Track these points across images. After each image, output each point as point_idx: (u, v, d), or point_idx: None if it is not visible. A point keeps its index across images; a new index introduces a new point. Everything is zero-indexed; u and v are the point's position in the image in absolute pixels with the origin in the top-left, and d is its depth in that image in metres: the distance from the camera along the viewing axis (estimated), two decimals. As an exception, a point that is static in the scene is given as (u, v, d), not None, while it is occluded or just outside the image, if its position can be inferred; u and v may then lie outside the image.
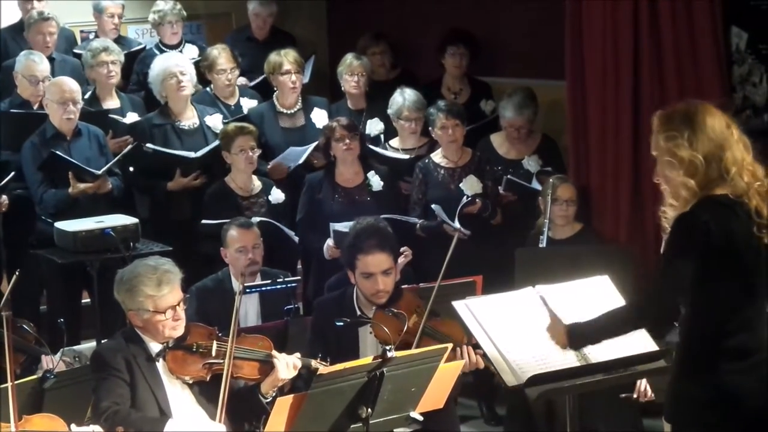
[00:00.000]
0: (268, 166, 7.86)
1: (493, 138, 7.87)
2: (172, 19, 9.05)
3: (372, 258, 5.55)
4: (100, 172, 7.39)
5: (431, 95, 8.15)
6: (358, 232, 5.75)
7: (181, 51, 8.90)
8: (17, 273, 5.26)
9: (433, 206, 7.40)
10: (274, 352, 5.14)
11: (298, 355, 5.17)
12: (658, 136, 4.23)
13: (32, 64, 8.02)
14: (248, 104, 8.45)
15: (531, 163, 7.72)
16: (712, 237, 4.05)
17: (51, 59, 8.47)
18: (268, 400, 5.03)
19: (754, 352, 4.11)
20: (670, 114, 4.23)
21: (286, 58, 8.18)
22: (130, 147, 7.64)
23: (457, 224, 7.15)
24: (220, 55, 8.38)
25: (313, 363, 5.16)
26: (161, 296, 5.03)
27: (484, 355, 5.03)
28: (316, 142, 7.79)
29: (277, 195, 7.60)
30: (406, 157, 7.87)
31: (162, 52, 8.83)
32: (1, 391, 4.80)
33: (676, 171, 4.14)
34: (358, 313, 5.66)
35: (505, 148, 7.81)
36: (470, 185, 7.46)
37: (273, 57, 8.24)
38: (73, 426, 4.71)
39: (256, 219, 7.04)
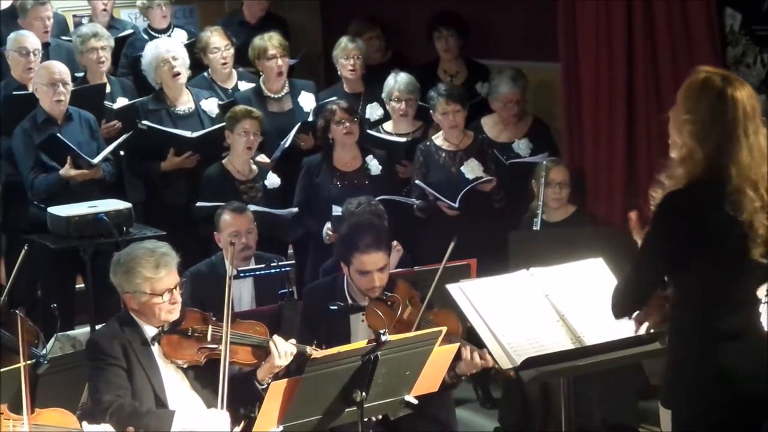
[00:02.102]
0: (256, 159, 7.83)
1: (484, 121, 7.85)
2: (162, 2, 9.03)
3: (368, 257, 5.53)
4: (95, 161, 7.37)
5: (427, 78, 8.13)
6: (353, 229, 5.71)
7: (170, 35, 8.89)
8: (18, 263, 5.23)
9: (416, 182, 7.40)
10: (273, 337, 5.13)
11: (293, 341, 5.17)
12: (687, 99, 4.09)
13: (21, 37, 8.03)
14: (247, 88, 8.42)
15: (522, 147, 7.71)
16: (700, 218, 4.01)
17: (46, 44, 8.46)
18: (263, 387, 5.02)
19: (749, 334, 4.10)
20: (705, 82, 4.07)
21: (270, 42, 8.15)
22: (126, 135, 7.62)
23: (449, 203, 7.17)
24: (213, 35, 8.38)
25: (308, 349, 5.15)
26: (159, 279, 5.03)
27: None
28: (294, 131, 7.76)
29: (273, 179, 7.60)
30: (403, 140, 7.85)
31: (151, 36, 8.83)
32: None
33: (695, 139, 4.02)
34: (350, 301, 5.65)
35: (497, 132, 7.79)
36: (471, 168, 7.45)
37: (257, 42, 8.22)
38: (84, 424, 4.69)
39: (252, 207, 7.03)
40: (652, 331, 4.44)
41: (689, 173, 4.03)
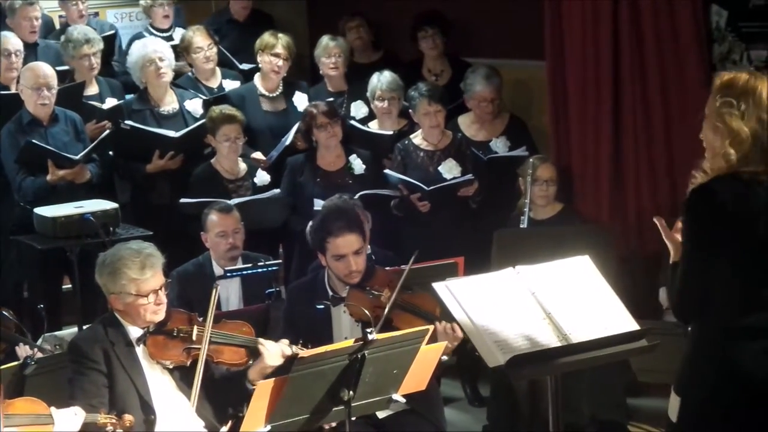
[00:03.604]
0: (252, 156, 7.82)
1: (461, 120, 7.84)
2: (164, 1, 9.02)
3: (342, 240, 5.54)
4: (77, 158, 7.34)
5: (411, 76, 8.13)
6: (324, 216, 5.75)
7: (171, 36, 8.87)
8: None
9: (385, 171, 7.40)
10: (261, 340, 5.12)
11: (285, 341, 5.15)
12: (715, 97, 4.10)
13: (3, 38, 7.98)
14: (231, 86, 8.43)
15: (499, 145, 7.70)
16: (727, 215, 4.01)
17: (35, 45, 8.43)
18: (255, 388, 5.01)
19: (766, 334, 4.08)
20: (733, 80, 4.09)
21: (280, 41, 8.17)
22: (107, 132, 7.61)
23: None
24: (195, 34, 8.38)
25: (294, 348, 5.14)
26: (144, 280, 5.02)
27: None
28: (293, 131, 7.75)
29: (262, 177, 7.61)
30: (390, 132, 7.85)
31: (153, 36, 8.80)
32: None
33: (722, 139, 4.06)
34: (330, 293, 5.65)
35: (473, 130, 7.78)
36: (449, 168, 7.45)
37: (267, 36, 8.22)
38: (53, 409, 4.69)
39: (235, 200, 7.03)
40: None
41: (738, 159, 4.03)
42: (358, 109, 8.24)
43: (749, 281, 4.07)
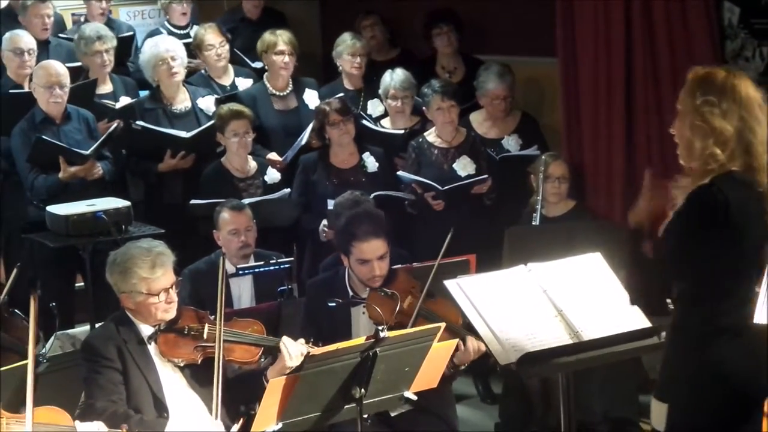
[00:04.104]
0: (267, 157, 7.82)
1: (473, 117, 7.82)
2: None
3: (368, 245, 5.54)
4: (88, 152, 7.34)
5: (425, 73, 8.12)
6: (351, 219, 5.73)
7: (189, 33, 8.89)
8: (17, 268, 5.23)
9: (399, 173, 7.40)
10: (284, 339, 5.10)
11: (302, 341, 5.13)
12: (694, 94, 4.09)
13: (16, 37, 8.00)
14: (244, 84, 8.42)
15: (511, 143, 7.70)
16: (729, 216, 4.00)
17: (46, 42, 8.44)
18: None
19: (749, 330, 4.08)
20: (708, 76, 4.10)
21: (281, 38, 8.15)
22: (114, 126, 7.62)
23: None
24: (207, 32, 8.38)
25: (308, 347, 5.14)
26: (155, 278, 5.02)
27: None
28: (308, 130, 7.75)
29: (273, 175, 7.60)
30: (401, 131, 7.84)
31: (171, 33, 8.83)
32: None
33: (703, 138, 4.04)
34: (351, 293, 5.65)
35: (485, 128, 7.77)
36: (464, 166, 7.44)
37: (267, 36, 8.21)
38: (77, 422, 4.68)
39: (246, 200, 7.03)
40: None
41: (726, 157, 4.01)
42: (375, 107, 8.23)
43: (734, 281, 4.05)
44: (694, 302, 4.10)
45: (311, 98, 8.19)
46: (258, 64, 8.76)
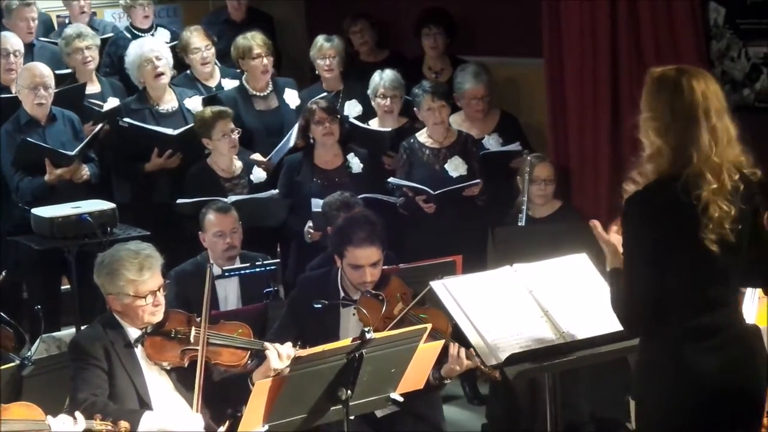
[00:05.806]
0: (251, 157, 7.81)
1: (453, 119, 7.78)
2: (144, 1, 9.01)
3: (361, 252, 5.51)
4: (73, 153, 7.33)
5: (412, 74, 8.12)
6: (348, 222, 5.69)
7: (152, 35, 8.87)
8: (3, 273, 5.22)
9: (390, 179, 7.40)
10: (267, 344, 5.09)
11: (290, 344, 5.12)
12: (649, 93, 4.09)
13: (2, 38, 7.97)
14: (230, 85, 8.41)
15: (491, 142, 7.70)
16: (667, 214, 3.98)
17: (31, 45, 8.42)
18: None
19: (717, 333, 4.06)
20: (662, 77, 4.09)
21: (254, 41, 8.14)
22: (100, 126, 7.61)
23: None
24: (193, 34, 8.37)
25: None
26: (142, 281, 5.01)
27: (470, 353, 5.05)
28: (294, 131, 7.74)
29: (258, 174, 7.60)
30: (388, 129, 7.84)
31: (133, 35, 8.80)
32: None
33: (659, 135, 4.03)
34: (342, 294, 5.63)
35: (465, 128, 7.74)
36: (455, 166, 7.44)
37: (240, 41, 8.20)
38: (49, 417, 4.66)
39: (232, 198, 7.01)
40: None
41: (658, 168, 4.01)
42: (351, 108, 8.23)
43: (697, 283, 4.03)
44: (659, 304, 4.06)
45: (291, 98, 8.20)
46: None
